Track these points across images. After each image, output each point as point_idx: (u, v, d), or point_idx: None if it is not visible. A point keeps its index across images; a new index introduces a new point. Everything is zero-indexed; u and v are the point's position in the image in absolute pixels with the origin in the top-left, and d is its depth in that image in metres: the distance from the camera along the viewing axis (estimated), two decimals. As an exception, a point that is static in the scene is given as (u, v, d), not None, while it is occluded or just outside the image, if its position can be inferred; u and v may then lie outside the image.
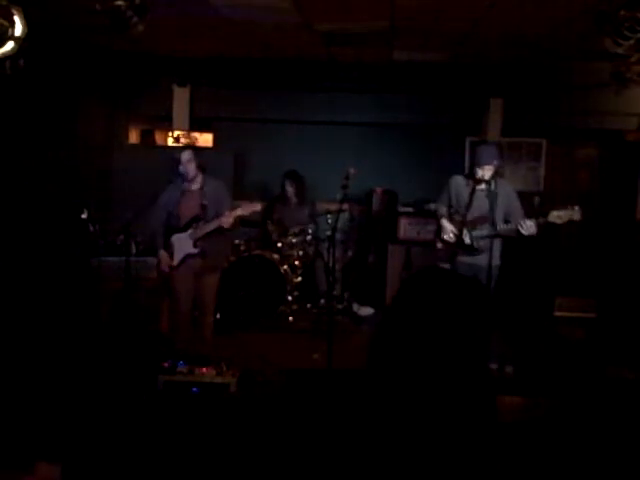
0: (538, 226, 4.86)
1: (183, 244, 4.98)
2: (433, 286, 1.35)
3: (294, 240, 6.83)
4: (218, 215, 4.95)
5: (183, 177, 4.97)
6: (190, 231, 4.96)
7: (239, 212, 4.96)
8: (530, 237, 4.90)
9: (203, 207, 4.99)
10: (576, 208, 4.79)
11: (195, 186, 5.04)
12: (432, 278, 1.39)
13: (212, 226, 4.94)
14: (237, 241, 6.73)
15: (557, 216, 4.81)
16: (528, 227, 4.85)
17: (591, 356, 5.62)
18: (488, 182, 5.01)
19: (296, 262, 6.81)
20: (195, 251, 4.98)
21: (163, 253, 5.03)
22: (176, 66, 7.50)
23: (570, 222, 4.82)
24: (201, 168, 5.04)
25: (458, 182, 5.25)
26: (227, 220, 4.89)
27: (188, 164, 4.94)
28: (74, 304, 5.81)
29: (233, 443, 3.69)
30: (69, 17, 5.37)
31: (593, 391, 4.44)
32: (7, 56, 3.90)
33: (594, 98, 7.31)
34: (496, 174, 5.06)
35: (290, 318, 6.68)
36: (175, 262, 5.01)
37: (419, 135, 7.86)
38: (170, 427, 3.87)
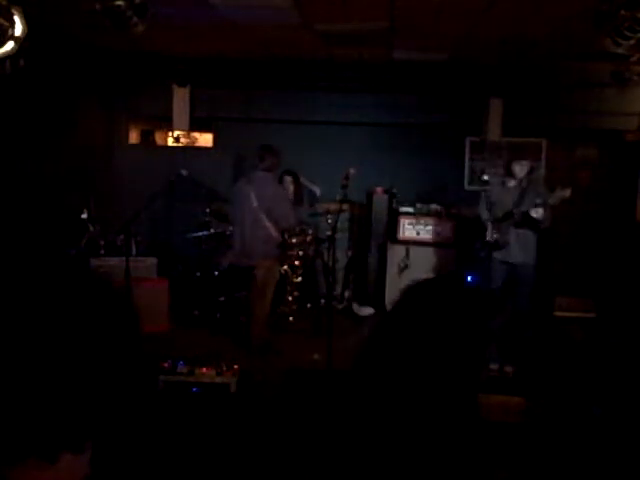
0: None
1: None
2: (434, 293, 1.36)
3: (294, 240, 6.82)
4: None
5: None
6: None
7: None
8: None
9: None
10: (565, 189, 5.30)
11: None
12: (434, 286, 1.39)
13: None
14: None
15: (549, 198, 5.33)
16: (537, 210, 5.36)
17: (591, 356, 5.62)
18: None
19: (296, 262, 6.81)
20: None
21: None
22: (176, 66, 7.49)
23: (564, 201, 5.32)
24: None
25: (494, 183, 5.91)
26: None
27: None
28: (73, 304, 5.80)
29: (233, 443, 3.69)
30: (69, 17, 5.37)
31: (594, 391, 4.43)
32: (7, 56, 3.90)
33: (594, 98, 7.31)
34: (530, 172, 5.57)
35: (290, 318, 6.67)
36: None
37: (419, 135, 7.85)
38: (170, 427, 3.87)
